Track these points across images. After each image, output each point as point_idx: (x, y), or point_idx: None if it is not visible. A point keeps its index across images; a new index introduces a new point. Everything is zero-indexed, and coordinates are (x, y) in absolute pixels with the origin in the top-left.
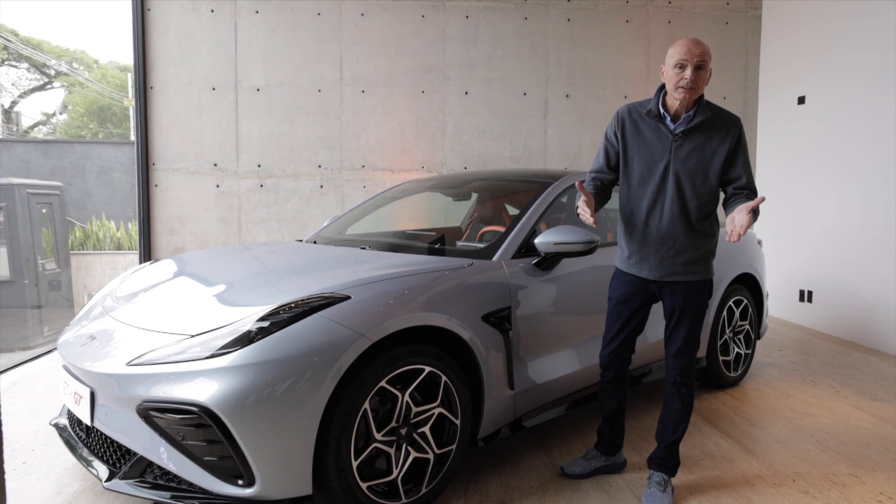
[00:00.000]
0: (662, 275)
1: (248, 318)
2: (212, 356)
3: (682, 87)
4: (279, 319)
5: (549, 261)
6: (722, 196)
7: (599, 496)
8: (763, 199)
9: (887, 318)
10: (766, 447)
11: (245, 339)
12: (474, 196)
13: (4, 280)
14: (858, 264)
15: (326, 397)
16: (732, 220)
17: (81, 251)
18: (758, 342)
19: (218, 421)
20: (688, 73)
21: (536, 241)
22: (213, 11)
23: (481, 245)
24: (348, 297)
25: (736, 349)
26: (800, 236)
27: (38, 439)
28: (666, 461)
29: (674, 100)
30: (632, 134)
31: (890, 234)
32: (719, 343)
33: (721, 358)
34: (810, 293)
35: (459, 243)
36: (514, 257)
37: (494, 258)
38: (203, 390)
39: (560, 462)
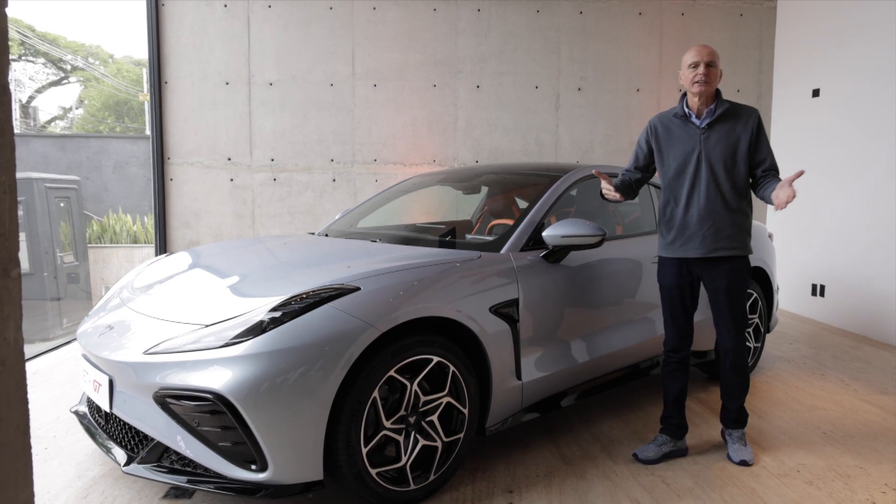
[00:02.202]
0: (706, 251)
1: (260, 308)
2: (226, 345)
3: (697, 82)
4: (291, 310)
5: (557, 254)
6: (750, 180)
7: (605, 485)
8: (802, 172)
9: None
10: (772, 439)
11: (258, 329)
12: (484, 190)
13: (24, 273)
14: (871, 258)
15: (336, 386)
16: (778, 196)
17: (99, 244)
18: (768, 336)
19: (231, 408)
20: (700, 68)
21: (544, 234)
22: (226, 6)
23: (490, 238)
24: (358, 289)
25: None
26: (813, 230)
27: (59, 426)
28: (739, 418)
29: (693, 96)
30: (664, 135)
31: None
32: None
33: None
34: (822, 287)
35: (469, 236)
36: (522, 250)
37: (503, 251)
38: (217, 378)
39: (567, 452)
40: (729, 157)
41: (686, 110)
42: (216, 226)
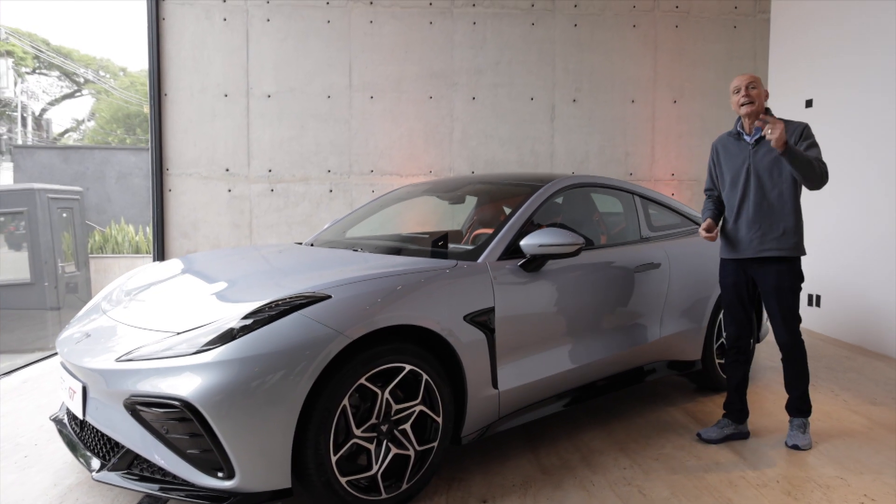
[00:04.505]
0: (754, 252)
1: (232, 316)
2: (197, 352)
3: (743, 104)
4: (261, 317)
5: (535, 262)
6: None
7: (581, 495)
8: (771, 125)
9: (895, 323)
10: (754, 450)
11: (228, 336)
12: (468, 199)
13: (25, 283)
14: (867, 268)
15: (305, 393)
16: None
17: (100, 254)
18: (764, 346)
19: (199, 415)
20: (742, 91)
21: (522, 243)
22: (225, 20)
23: (469, 247)
24: (329, 297)
25: None
26: (808, 240)
27: (41, 434)
28: (801, 406)
29: (744, 117)
30: (722, 152)
31: None
32: (715, 346)
33: (717, 361)
34: (818, 297)
35: (452, 245)
36: (500, 259)
37: (479, 260)
38: (185, 385)
39: (546, 462)
40: (774, 167)
41: (739, 130)
42: (214, 236)
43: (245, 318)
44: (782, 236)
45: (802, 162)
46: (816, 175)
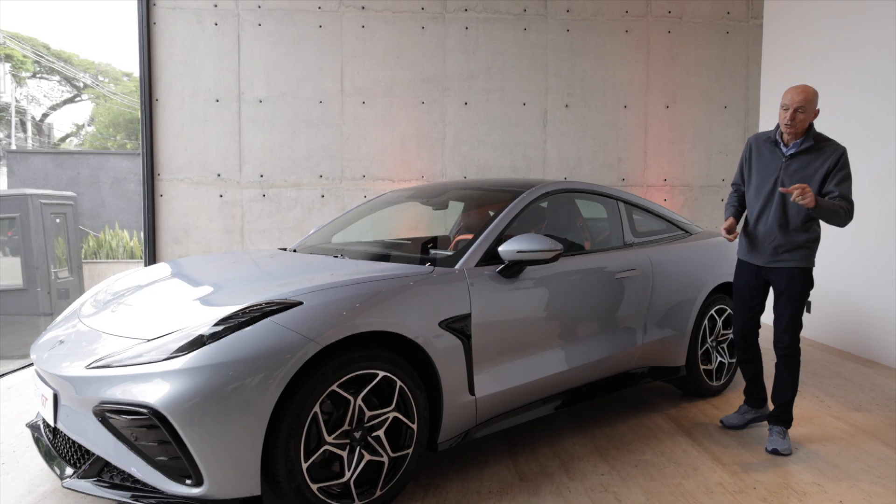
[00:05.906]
0: (766, 261)
1: (203, 322)
2: (166, 359)
3: (785, 124)
4: (232, 324)
5: (513, 268)
6: None
7: (556, 501)
8: (800, 192)
9: (884, 329)
10: (734, 456)
11: (197, 343)
12: (452, 205)
13: (18, 288)
14: (857, 274)
15: (274, 400)
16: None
17: (94, 260)
18: None
19: (166, 422)
20: (788, 114)
21: (500, 249)
22: (216, 25)
23: (448, 253)
24: (300, 303)
25: (719, 358)
26: None
27: (20, 441)
28: (781, 417)
29: (784, 133)
30: (755, 155)
31: (888, 244)
32: (700, 352)
33: (703, 367)
34: (809, 303)
35: (432, 252)
36: (479, 265)
37: (457, 266)
38: (153, 392)
39: (525, 468)
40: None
41: (778, 138)
42: (206, 241)
43: (216, 324)
44: (793, 250)
45: (829, 214)
46: (842, 221)
